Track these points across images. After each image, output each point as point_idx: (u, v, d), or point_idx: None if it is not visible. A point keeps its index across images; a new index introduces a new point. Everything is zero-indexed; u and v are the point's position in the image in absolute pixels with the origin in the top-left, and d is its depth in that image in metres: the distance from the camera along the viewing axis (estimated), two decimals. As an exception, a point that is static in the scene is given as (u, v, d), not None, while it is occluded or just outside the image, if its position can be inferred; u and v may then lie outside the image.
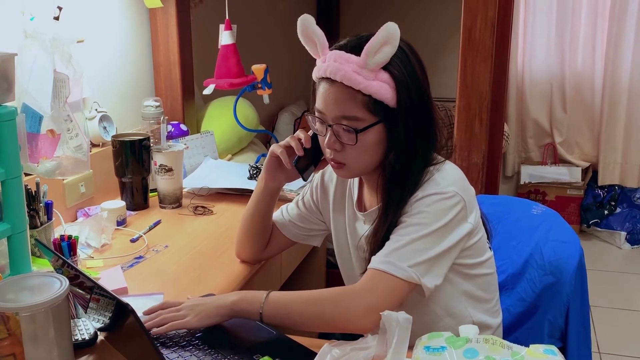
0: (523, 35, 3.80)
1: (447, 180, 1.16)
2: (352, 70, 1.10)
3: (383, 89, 1.11)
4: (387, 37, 1.09)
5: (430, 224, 1.12)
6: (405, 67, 1.13)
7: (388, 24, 1.09)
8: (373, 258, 1.14)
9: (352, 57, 1.11)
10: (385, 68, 1.11)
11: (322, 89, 1.15)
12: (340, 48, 1.15)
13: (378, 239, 1.18)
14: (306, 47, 1.19)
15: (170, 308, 1.16)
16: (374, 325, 1.07)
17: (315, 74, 1.17)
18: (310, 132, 1.27)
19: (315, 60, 1.19)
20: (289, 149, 1.28)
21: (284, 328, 1.15)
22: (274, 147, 1.30)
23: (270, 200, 1.38)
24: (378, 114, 1.13)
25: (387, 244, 1.14)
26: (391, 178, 1.17)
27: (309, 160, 1.29)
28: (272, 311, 1.12)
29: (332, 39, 1.19)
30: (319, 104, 1.17)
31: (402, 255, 1.11)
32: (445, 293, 1.21)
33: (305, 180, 1.32)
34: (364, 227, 1.27)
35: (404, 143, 1.15)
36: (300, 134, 1.28)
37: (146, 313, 1.16)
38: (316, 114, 1.18)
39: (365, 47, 1.09)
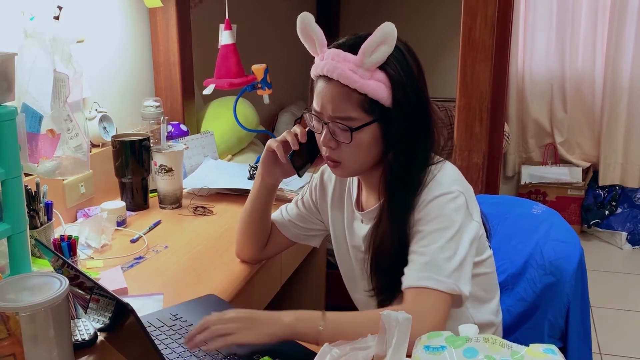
0: (523, 35, 3.80)
1: (449, 179, 1.16)
2: (349, 68, 1.11)
3: (379, 88, 1.11)
4: (384, 37, 1.09)
5: (448, 227, 1.12)
6: (402, 67, 1.13)
7: (385, 24, 1.10)
8: (406, 277, 1.11)
9: (349, 55, 1.12)
10: (381, 67, 1.12)
11: (319, 87, 1.16)
12: (338, 46, 1.15)
13: (379, 238, 1.18)
14: (305, 45, 1.20)
15: (216, 319, 1.06)
16: None
17: (313, 72, 1.18)
18: (307, 128, 1.27)
19: (314, 59, 1.19)
20: (285, 143, 1.29)
21: None
22: (270, 142, 1.30)
23: (267, 197, 1.38)
24: (373, 114, 1.13)
25: (414, 257, 1.12)
26: (392, 178, 1.17)
27: (305, 156, 1.29)
28: (330, 334, 1.04)
29: (332, 39, 1.19)
30: (315, 102, 1.18)
31: (436, 267, 1.09)
32: None
33: (300, 176, 1.31)
34: (362, 227, 1.27)
35: (402, 143, 1.15)
36: (296, 128, 1.28)
37: (192, 335, 1.06)
38: (313, 111, 1.19)
39: (362, 47, 1.10)
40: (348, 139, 1.14)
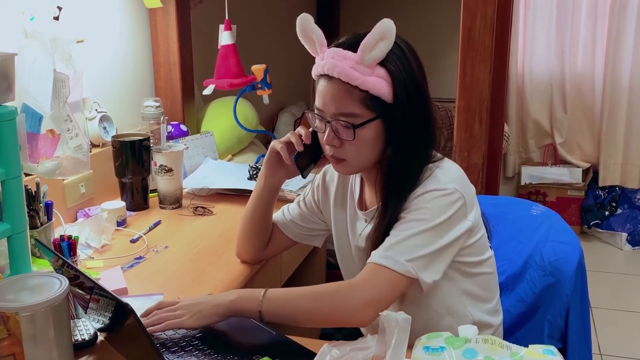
0: (523, 35, 3.80)
1: (448, 176, 1.17)
2: (349, 66, 1.12)
3: (380, 84, 1.12)
4: (382, 33, 1.11)
5: (430, 219, 1.13)
6: (402, 63, 1.14)
7: (384, 20, 1.11)
8: (373, 253, 1.15)
9: (349, 53, 1.13)
10: (382, 64, 1.13)
11: (320, 86, 1.17)
12: (338, 45, 1.17)
13: (378, 236, 1.19)
14: (305, 46, 1.21)
15: (166, 307, 1.15)
16: (371, 319, 1.09)
17: (314, 72, 1.19)
18: (311, 129, 1.27)
19: (315, 60, 1.20)
20: (289, 144, 1.29)
21: (283, 326, 1.15)
22: (274, 143, 1.31)
23: (270, 198, 1.38)
24: (375, 110, 1.14)
25: (387, 239, 1.15)
26: (389, 174, 1.18)
27: (308, 157, 1.29)
28: (271, 308, 1.13)
29: (332, 39, 1.20)
30: (317, 101, 1.18)
31: (400, 249, 1.12)
32: (445, 291, 1.21)
33: (304, 177, 1.32)
34: (364, 226, 1.28)
35: (402, 138, 1.16)
36: (300, 130, 1.29)
37: (143, 315, 1.15)
38: (315, 111, 1.20)
39: (362, 43, 1.11)
40: (351, 136, 1.15)
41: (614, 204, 3.70)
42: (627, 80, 3.62)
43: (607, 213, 3.68)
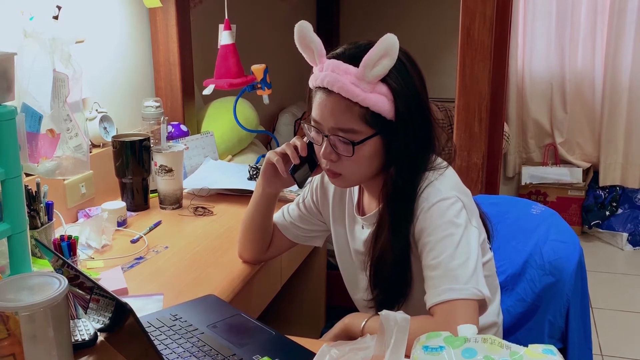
0: (523, 35, 3.80)
1: (447, 185, 1.16)
2: (350, 82, 1.09)
3: (381, 101, 1.10)
4: (386, 50, 1.07)
5: (453, 233, 1.10)
6: (404, 79, 1.12)
7: (387, 36, 1.08)
8: (427, 297, 1.10)
9: (350, 68, 1.09)
10: (383, 80, 1.10)
11: (318, 99, 1.14)
12: (337, 57, 1.13)
13: (379, 252, 1.17)
14: (303, 55, 1.17)
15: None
16: None
17: (312, 83, 1.16)
18: (306, 139, 1.26)
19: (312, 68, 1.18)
20: (284, 156, 1.27)
21: (283, 326, 1.15)
22: (270, 155, 1.29)
23: (268, 204, 1.37)
24: (375, 127, 1.12)
25: (428, 273, 1.11)
26: (394, 190, 1.16)
27: (305, 167, 1.27)
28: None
29: (330, 48, 1.17)
30: (315, 113, 1.15)
31: (451, 277, 1.08)
32: None
33: (300, 187, 1.31)
34: (362, 231, 1.27)
35: (404, 155, 1.14)
36: (296, 141, 1.26)
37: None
38: (312, 123, 1.17)
39: (364, 59, 1.08)
40: (349, 152, 1.12)
41: (614, 204, 3.70)
42: (627, 79, 3.62)
43: (607, 213, 3.68)
